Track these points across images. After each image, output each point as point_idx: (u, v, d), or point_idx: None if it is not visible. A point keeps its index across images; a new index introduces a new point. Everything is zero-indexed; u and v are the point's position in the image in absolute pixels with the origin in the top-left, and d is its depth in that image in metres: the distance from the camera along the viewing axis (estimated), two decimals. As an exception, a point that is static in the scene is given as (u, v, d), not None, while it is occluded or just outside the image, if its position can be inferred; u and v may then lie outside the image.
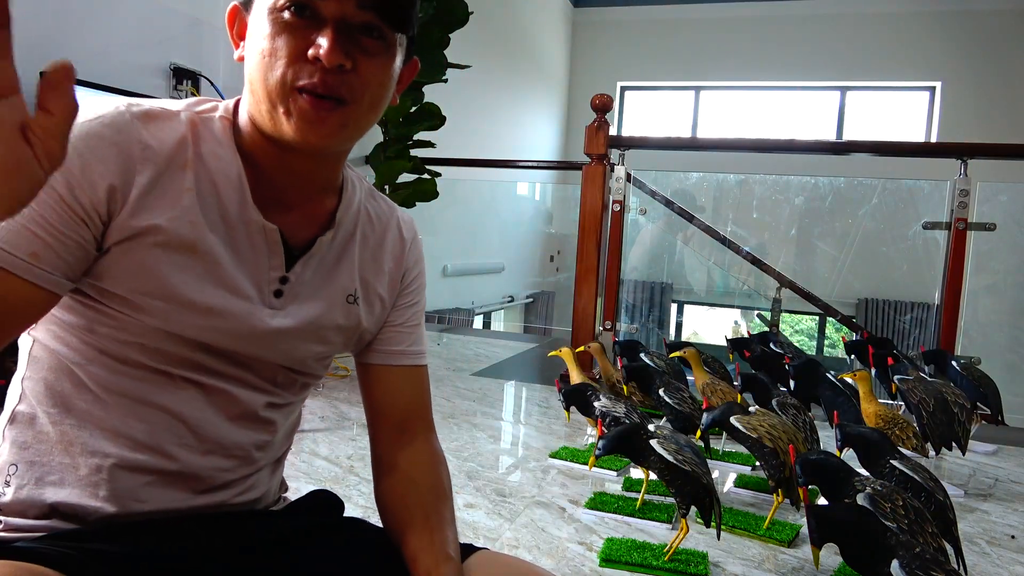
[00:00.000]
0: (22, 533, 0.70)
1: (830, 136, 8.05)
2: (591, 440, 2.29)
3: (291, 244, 0.76)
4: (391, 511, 0.85)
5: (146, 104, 0.70)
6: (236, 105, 0.75)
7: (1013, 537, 1.70)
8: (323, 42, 0.65)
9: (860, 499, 1.28)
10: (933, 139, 7.58)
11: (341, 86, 0.67)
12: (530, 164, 5.72)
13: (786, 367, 2.22)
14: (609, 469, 1.98)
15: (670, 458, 1.46)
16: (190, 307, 0.70)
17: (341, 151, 0.77)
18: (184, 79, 2.74)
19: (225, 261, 0.72)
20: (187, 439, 0.74)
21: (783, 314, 3.68)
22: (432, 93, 3.32)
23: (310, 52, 0.65)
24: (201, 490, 0.76)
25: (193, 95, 2.72)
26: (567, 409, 1.96)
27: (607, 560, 1.44)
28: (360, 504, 1.67)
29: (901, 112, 7.97)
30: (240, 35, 0.73)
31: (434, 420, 0.93)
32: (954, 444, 1.96)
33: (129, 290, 0.68)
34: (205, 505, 0.77)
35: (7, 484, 0.71)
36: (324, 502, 0.89)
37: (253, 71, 0.68)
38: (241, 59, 0.72)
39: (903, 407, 2.28)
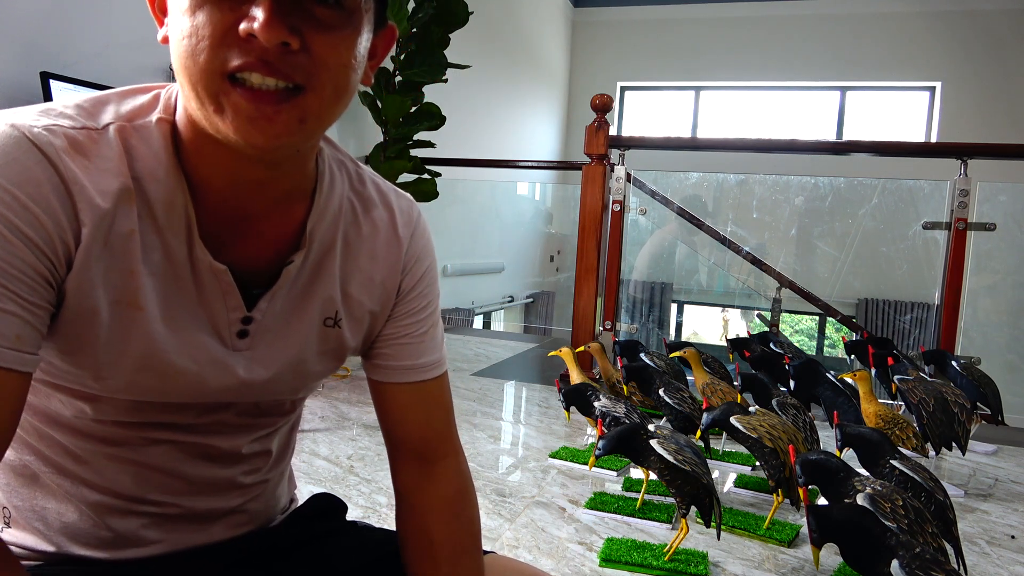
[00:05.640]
0: (32, 562, 0.68)
1: (830, 136, 8.05)
2: (591, 440, 2.29)
3: (250, 276, 0.64)
4: (411, 561, 0.77)
5: (65, 125, 0.56)
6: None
7: (1013, 537, 1.70)
8: (258, 12, 0.50)
9: (860, 499, 1.28)
10: (933, 139, 7.58)
11: (293, 69, 0.52)
12: (530, 164, 5.71)
13: (786, 367, 2.22)
14: (609, 469, 1.98)
15: (670, 458, 1.46)
16: (142, 371, 0.60)
17: (304, 150, 0.62)
18: (184, 79, 2.73)
19: (176, 312, 0.61)
20: (172, 486, 0.69)
21: (783, 314, 3.68)
22: (432, 93, 3.32)
23: (242, 27, 0.51)
24: (204, 523, 0.73)
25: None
26: (567, 409, 1.96)
27: (607, 560, 1.44)
28: (360, 504, 1.67)
29: (901, 112, 7.96)
30: (162, 9, 0.58)
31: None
32: (954, 444, 1.96)
33: (69, 357, 0.58)
34: (215, 541, 0.73)
35: (6, 524, 0.69)
36: (326, 507, 0.87)
37: (175, 57, 0.54)
38: (166, 40, 0.57)
39: (903, 407, 2.28)
